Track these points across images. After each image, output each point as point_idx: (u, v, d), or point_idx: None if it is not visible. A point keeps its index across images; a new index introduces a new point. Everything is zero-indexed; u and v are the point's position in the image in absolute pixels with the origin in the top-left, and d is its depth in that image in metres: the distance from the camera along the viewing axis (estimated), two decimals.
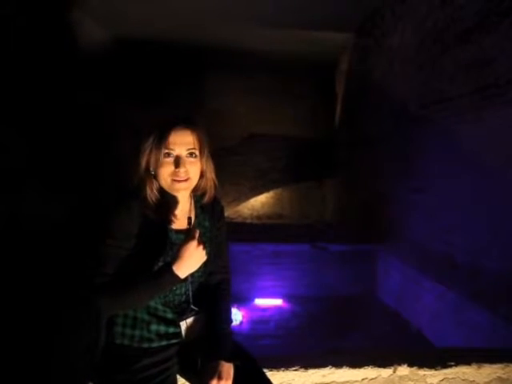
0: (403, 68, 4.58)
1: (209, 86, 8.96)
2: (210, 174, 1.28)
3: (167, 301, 1.24)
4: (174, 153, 1.17)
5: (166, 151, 1.16)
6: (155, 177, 1.19)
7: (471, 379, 1.58)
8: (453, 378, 1.57)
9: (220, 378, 1.12)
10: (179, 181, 1.18)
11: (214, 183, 1.30)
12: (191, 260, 1.11)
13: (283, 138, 7.51)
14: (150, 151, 1.17)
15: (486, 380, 1.59)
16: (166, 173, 1.17)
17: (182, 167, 1.17)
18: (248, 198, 7.52)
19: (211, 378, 1.12)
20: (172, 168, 1.17)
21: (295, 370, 1.51)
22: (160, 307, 1.22)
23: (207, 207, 1.35)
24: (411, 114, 4.33)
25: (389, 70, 4.99)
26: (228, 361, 1.17)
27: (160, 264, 1.18)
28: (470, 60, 3.30)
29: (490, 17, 3.07)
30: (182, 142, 1.18)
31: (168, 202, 1.23)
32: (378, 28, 5.37)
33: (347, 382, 1.54)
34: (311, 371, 1.52)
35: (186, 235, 1.14)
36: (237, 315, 4.30)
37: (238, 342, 1.32)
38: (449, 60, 3.61)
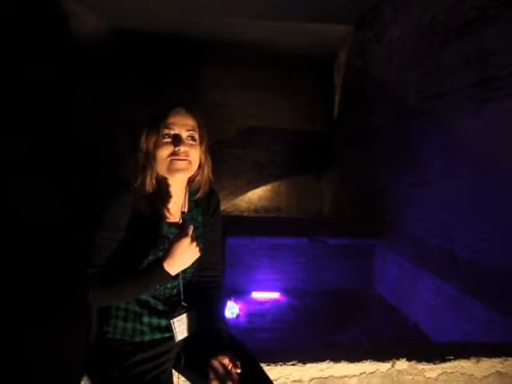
0: (402, 61, 4.55)
1: (207, 79, 8.90)
2: (208, 169, 1.25)
3: (158, 294, 1.22)
4: (174, 132, 1.15)
5: (166, 131, 1.14)
6: (154, 163, 1.16)
7: (470, 373, 1.57)
8: (451, 372, 1.56)
9: (236, 361, 1.08)
10: (179, 159, 1.14)
11: (210, 180, 1.27)
12: (183, 257, 1.09)
13: (281, 131, 7.47)
14: (150, 133, 1.14)
15: (485, 374, 1.58)
16: (165, 154, 1.14)
17: (182, 146, 1.14)
18: (245, 191, 7.49)
19: (214, 378, 1.07)
20: (171, 148, 1.14)
21: (293, 365, 1.48)
22: (151, 300, 1.21)
23: (202, 201, 1.31)
24: (410, 108, 4.30)
25: (388, 63, 4.95)
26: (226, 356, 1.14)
27: (151, 257, 1.16)
28: (470, 53, 3.27)
29: (490, 9, 3.04)
30: (182, 123, 1.16)
31: (162, 193, 1.20)
32: (378, 20, 5.32)
33: (345, 376, 1.52)
34: (309, 365, 1.50)
35: (179, 231, 1.12)
36: (234, 308, 4.30)
37: (234, 336, 1.30)
38: (448, 53, 3.58)
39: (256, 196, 9.13)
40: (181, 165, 1.14)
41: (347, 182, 6.65)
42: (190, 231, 1.10)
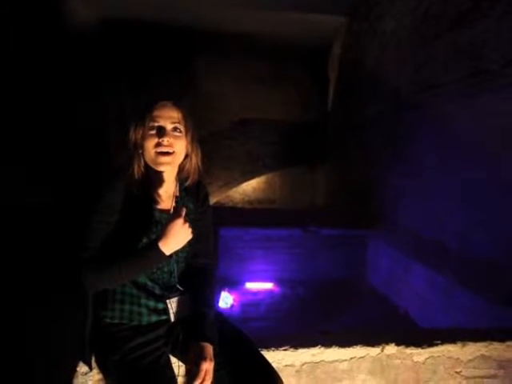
0: (396, 53, 4.55)
1: (199, 70, 8.82)
2: (196, 159, 1.30)
3: (155, 278, 1.25)
4: (158, 124, 1.20)
5: (151, 124, 1.19)
6: (142, 153, 1.21)
7: (456, 357, 1.62)
8: (438, 356, 1.61)
9: (203, 358, 1.10)
10: (163, 153, 1.19)
11: (199, 169, 1.32)
12: (177, 237, 1.14)
13: (275, 123, 7.47)
14: (137, 126, 1.20)
15: (470, 357, 1.63)
16: (150, 145, 1.19)
17: (165, 137, 1.19)
18: (239, 182, 7.51)
19: (192, 359, 1.11)
20: (156, 139, 1.19)
21: (285, 350, 1.52)
22: (149, 283, 1.24)
23: (191, 190, 1.36)
24: (404, 99, 4.33)
25: (382, 55, 4.96)
26: (211, 343, 1.16)
27: (144, 241, 1.20)
28: (463, 45, 3.28)
29: (484, 1, 3.05)
30: (167, 115, 1.21)
31: (153, 181, 1.25)
32: (373, 12, 5.31)
33: (336, 360, 1.56)
34: (301, 351, 1.53)
35: (173, 213, 1.16)
36: (228, 299, 4.34)
37: (232, 323, 1.34)
38: (442, 45, 3.59)
39: (250, 187, 9.14)
40: (165, 159, 1.20)
41: (341, 173, 6.69)
42: (183, 213, 1.15)
